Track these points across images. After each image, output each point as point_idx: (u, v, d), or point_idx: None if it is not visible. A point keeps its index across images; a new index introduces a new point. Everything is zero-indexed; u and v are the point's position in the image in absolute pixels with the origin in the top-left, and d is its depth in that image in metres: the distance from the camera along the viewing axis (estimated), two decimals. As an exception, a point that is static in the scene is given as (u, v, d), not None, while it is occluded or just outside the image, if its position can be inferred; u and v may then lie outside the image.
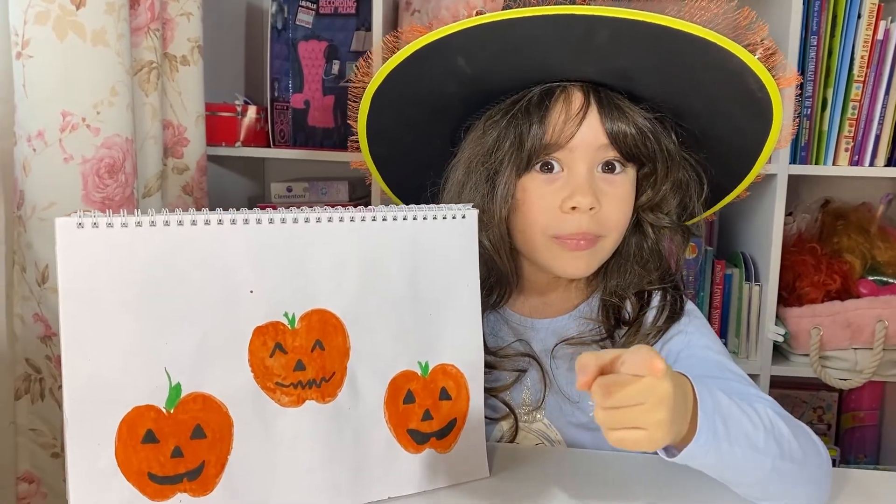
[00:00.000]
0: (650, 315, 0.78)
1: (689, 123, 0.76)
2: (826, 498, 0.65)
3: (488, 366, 0.72)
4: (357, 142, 0.84)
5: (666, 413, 0.52)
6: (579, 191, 0.70)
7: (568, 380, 0.76)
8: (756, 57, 0.69)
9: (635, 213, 0.76)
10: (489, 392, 0.74)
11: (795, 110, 1.15)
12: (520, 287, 0.80)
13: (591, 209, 0.70)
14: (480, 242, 0.69)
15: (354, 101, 0.79)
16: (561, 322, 0.79)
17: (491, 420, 0.75)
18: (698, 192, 0.78)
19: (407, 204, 0.87)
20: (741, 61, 0.68)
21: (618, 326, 0.77)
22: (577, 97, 0.71)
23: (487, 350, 0.73)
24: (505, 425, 0.77)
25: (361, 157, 0.86)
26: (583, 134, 0.70)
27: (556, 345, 0.77)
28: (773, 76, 0.70)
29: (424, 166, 0.80)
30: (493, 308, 0.78)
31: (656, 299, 0.78)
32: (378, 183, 0.89)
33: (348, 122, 0.82)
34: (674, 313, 0.78)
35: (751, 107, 0.73)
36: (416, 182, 0.81)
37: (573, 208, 0.70)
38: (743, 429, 0.59)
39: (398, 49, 0.71)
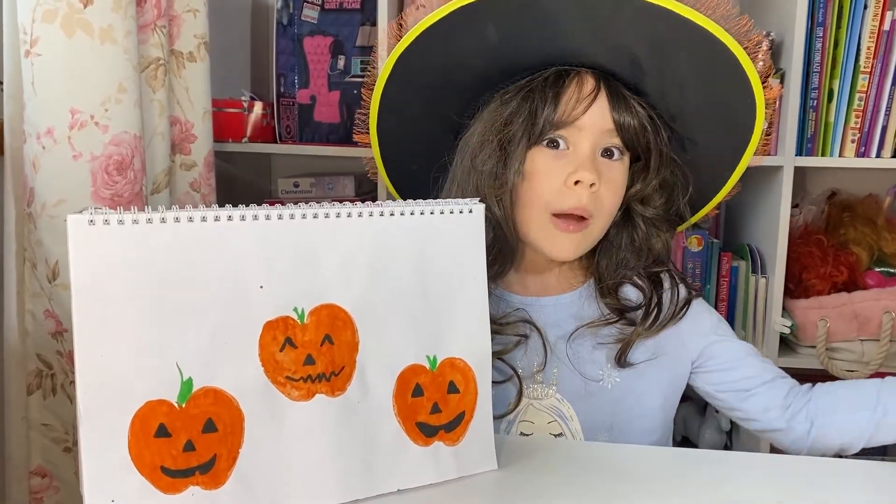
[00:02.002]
0: (666, 297, 0.83)
1: (679, 126, 0.81)
2: None
3: (491, 333, 0.76)
4: (365, 114, 0.86)
5: None
6: (584, 166, 0.75)
7: (587, 360, 0.81)
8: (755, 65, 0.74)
9: (625, 204, 0.81)
10: (494, 355, 0.77)
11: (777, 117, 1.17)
12: (519, 269, 0.84)
13: (591, 185, 0.75)
14: (490, 209, 0.75)
15: (374, 68, 0.82)
16: (565, 299, 0.84)
17: (496, 383, 0.79)
18: (683, 193, 0.83)
19: (402, 193, 0.90)
20: (743, 71, 0.74)
21: (626, 309, 0.82)
22: (590, 81, 0.77)
23: (490, 318, 0.77)
24: (512, 393, 0.80)
25: (368, 138, 0.87)
26: (592, 115, 0.76)
27: (578, 328, 0.81)
28: (763, 86, 0.76)
29: (426, 149, 0.83)
30: (493, 280, 0.82)
31: (666, 282, 0.84)
32: (378, 165, 0.90)
33: (362, 89, 0.84)
34: (690, 291, 0.84)
35: (738, 118, 0.79)
36: (413, 168, 0.84)
37: (577, 183, 0.75)
38: None
39: (430, 12, 0.75)
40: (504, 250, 0.80)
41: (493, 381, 0.77)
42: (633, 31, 0.73)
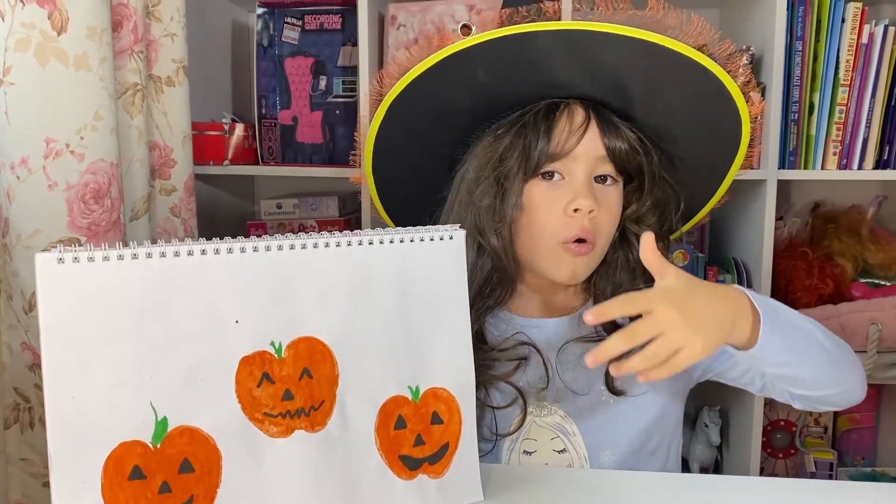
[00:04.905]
0: None
1: (666, 145, 0.83)
2: (864, 391, 0.78)
3: (489, 360, 0.80)
4: (358, 155, 0.88)
5: (686, 322, 0.60)
6: (581, 194, 0.77)
7: (573, 375, 0.82)
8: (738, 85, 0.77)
9: (621, 225, 0.83)
10: (496, 378, 0.80)
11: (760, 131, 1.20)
12: (522, 293, 0.85)
13: (590, 212, 0.77)
14: (489, 242, 0.78)
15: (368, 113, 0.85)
16: (567, 320, 0.85)
17: (501, 408, 0.81)
18: (675, 210, 0.85)
19: (399, 224, 0.91)
20: (727, 91, 0.76)
21: (617, 326, 0.81)
22: (580, 112, 0.79)
23: (488, 346, 0.81)
24: (517, 412, 0.81)
25: (360, 172, 0.89)
26: (584, 145, 0.78)
27: (565, 343, 0.82)
28: (748, 105, 0.78)
29: (422, 185, 0.85)
30: (493, 308, 0.83)
31: None
32: (373, 198, 0.92)
33: (354, 134, 0.85)
34: None
35: (723, 134, 0.81)
36: (410, 203, 0.86)
37: (576, 210, 0.76)
38: (788, 313, 0.71)
39: (418, 61, 0.77)
40: (503, 279, 0.82)
41: (498, 406, 0.80)
42: (619, 63, 0.75)
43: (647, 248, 0.64)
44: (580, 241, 0.78)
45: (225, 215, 1.53)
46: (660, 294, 0.62)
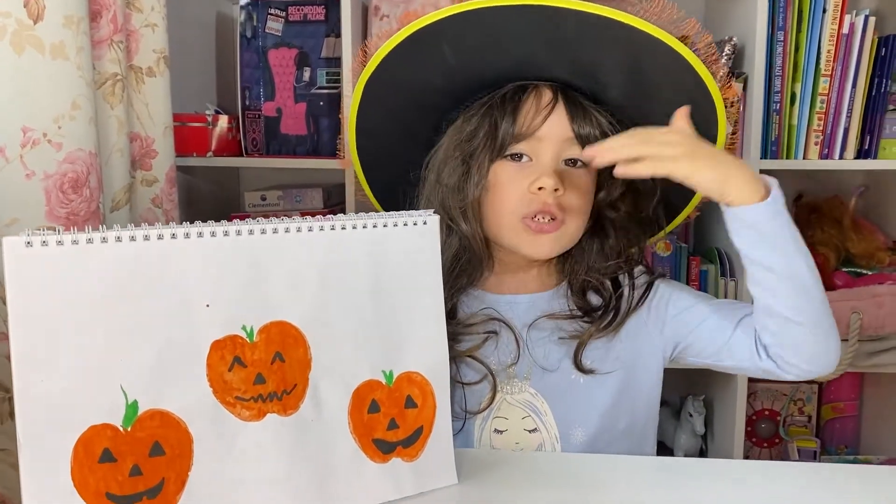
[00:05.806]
0: (625, 294, 0.84)
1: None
2: (838, 357, 0.76)
3: (459, 335, 0.80)
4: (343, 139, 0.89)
5: (689, 144, 0.69)
6: (545, 173, 0.77)
7: (544, 351, 0.82)
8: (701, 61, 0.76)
9: (596, 210, 0.83)
10: (463, 353, 0.81)
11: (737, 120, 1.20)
12: (496, 271, 0.85)
13: (555, 190, 0.77)
14: (456, 223, 0.79)
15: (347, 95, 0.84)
16: (541, 297, 0.85)
17: (472, 383, 0.81)
18: (651, 197, 0.83)
19: (385, 206, 0.91)
20: (693, 69, 0.75)
21: (593, 310, 0.84)
22: (547, 94, 0.79)
23: (457, 321, 0.81)
24: (487, 390, 0.81)
25: (347, 157, 0.90)
26: (550, 125, 0.78)
27: (538, 318, 0.83)
28: (717, 83, 0.77)
29: (405, 167, 0.85)
30: (467, 288, 0.84)
31: (625, 280, 0.86)
32: (360, 181, 0.92)
33: (339, 116, 0.85)
34: (650, 275, 0.86)
35: (697, 115, 0.78)
36: (396, 183, 0.85)
37: (540, 189, 0.77)
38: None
39: (389, 37, 0.77)
40: (473, 261, 0.82)
41: (468, 382, 0.80)
42: (586, 45, 0.75)
43: (683, 117, 0.70)
44: (547, 219, 0.77)
45: (209, 207, 1.53)
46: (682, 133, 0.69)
